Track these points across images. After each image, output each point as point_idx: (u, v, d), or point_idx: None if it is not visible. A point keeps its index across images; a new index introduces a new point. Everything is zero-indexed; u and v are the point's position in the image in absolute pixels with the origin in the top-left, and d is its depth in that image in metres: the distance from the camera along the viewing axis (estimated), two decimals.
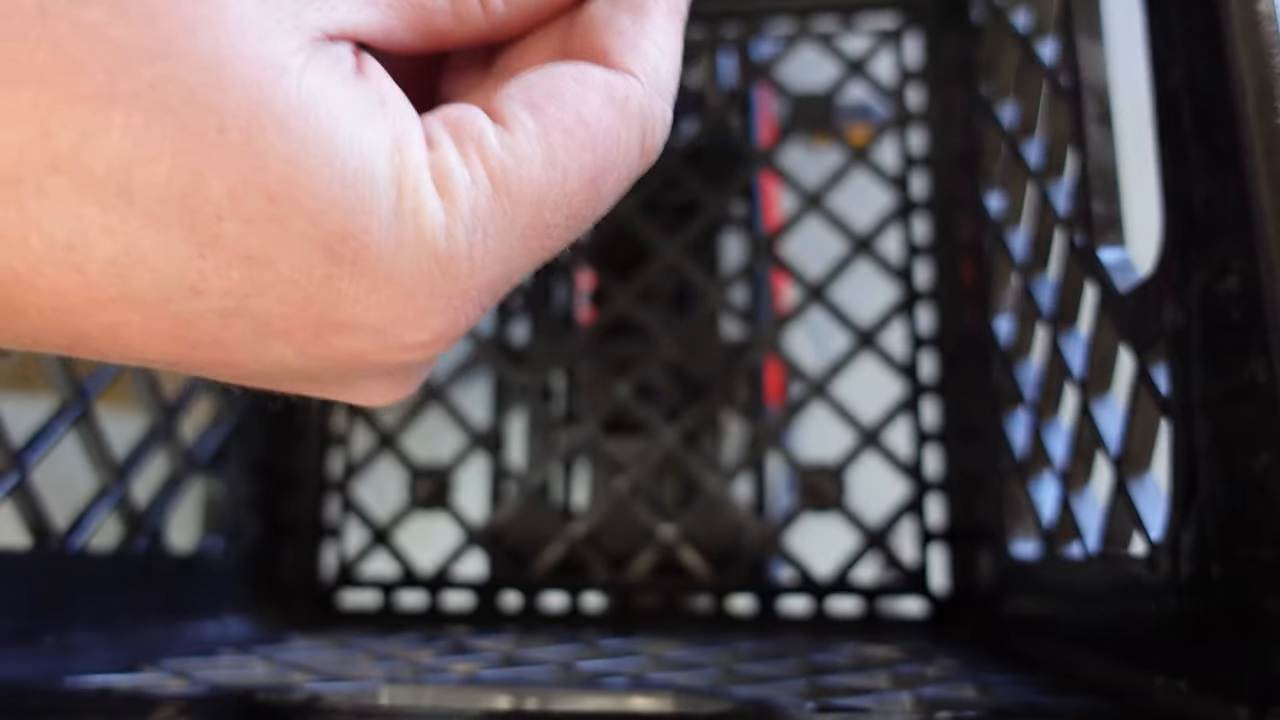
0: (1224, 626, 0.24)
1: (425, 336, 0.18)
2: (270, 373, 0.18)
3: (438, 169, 0.17)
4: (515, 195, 0.18)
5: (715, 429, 0.51)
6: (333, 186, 0.16)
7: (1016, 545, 0.41)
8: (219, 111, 0.15)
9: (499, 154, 0.18)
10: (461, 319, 0.18)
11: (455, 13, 0.20)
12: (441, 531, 0.51)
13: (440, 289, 0.17)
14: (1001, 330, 0.44)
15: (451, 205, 0.17)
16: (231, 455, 0.46)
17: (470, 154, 0.18)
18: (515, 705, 0.28)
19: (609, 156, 0.19)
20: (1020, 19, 0.41)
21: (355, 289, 0.17)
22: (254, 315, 0.16)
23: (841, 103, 0.53)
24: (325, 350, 0.17)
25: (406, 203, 0.17)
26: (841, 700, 0.29)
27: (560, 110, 0.18)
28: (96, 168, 0.15)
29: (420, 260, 0.17)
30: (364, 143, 0.16)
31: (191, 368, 0.18)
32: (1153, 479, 0.29)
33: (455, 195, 0.17)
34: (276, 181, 0.15)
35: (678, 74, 0.21)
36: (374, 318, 0.17)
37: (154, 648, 0.37)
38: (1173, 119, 0.26)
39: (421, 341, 0.18)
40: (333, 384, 0.19)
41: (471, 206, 0.17)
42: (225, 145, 0.15)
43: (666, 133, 0.21)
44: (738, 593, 0.48)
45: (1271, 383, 0.22)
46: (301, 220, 0.16)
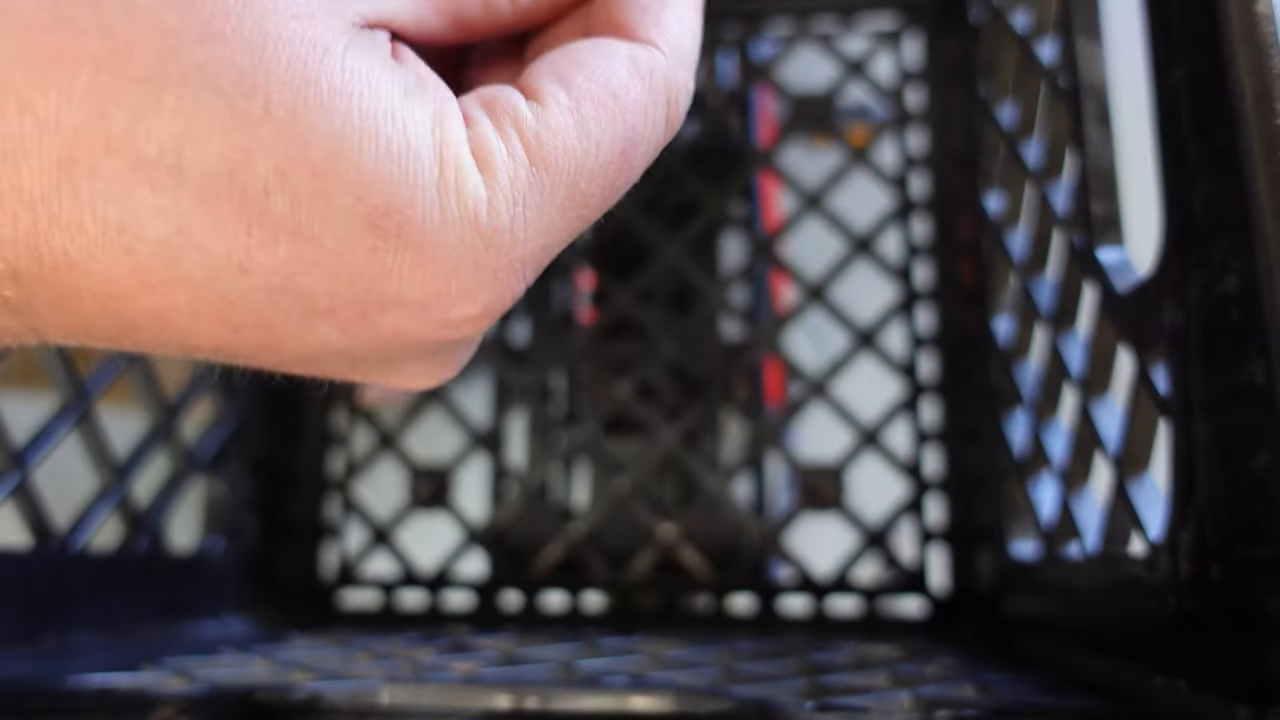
0: (1223, 626, 0.24)
1: (471, 311, 0.18)
2: (314, 355, 0.18)
3: (476, 144, 0.18)
4: (552, 167, 0.18)
5: (715, 429, 0.51)
6: (377, 162, 0.16)
7: (1016, 545, 0.41)
8: (265, 91, 0.15)
9: (534, 127, 0.18)
10: (506, 292, 0.18)
11: (484, 4, 0.20)
12: (442, 531, 0.51)
13: (484, 262, 0.17)
14: (1001, 330, 0.44)
15: (492, 179, 0.17)
16: (232, 455, 0.46)
17: (506, 129, 0.18)
18: (515, 704, 0.28)
19: (638, 127, 0.19)
20: (1019, 19, 0.41)
21: (400, 263, 0.17)
22: (300, 293, 0.17)
23: (841, 103, 0.53)
24: (370, 330, 0.18)
25: (449, 177, 0.17)
26: (841, 699, 0.29)
27: (589, 82, 0.19)
28: (149, 148, 0.15)
29: (464, 234, 0.17)
30: (406, 120, 0.17)
31: (236, 353, 0.18)
32: (1152, 479, 0.29)
33: (495, 169, 0.17)
34: (321, 158, 0.16)
35: (699, 46, 0.22)
36: (419, 293, 0.17)
37: (155, 647, 0.37)
38: (1172, 119, 0.26)
39: (467, 316, 0.18)
40: (375, 366, 0.19)
41: (511, 180, 0.18)
42: (272, 123, 0.15)
43: (689, 103, 0.21)
44: (738, 592, 0.48)
45: (1271, 383, 0.22)
46: (346, 195, 0.16)
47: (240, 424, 0.47)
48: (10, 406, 0.33)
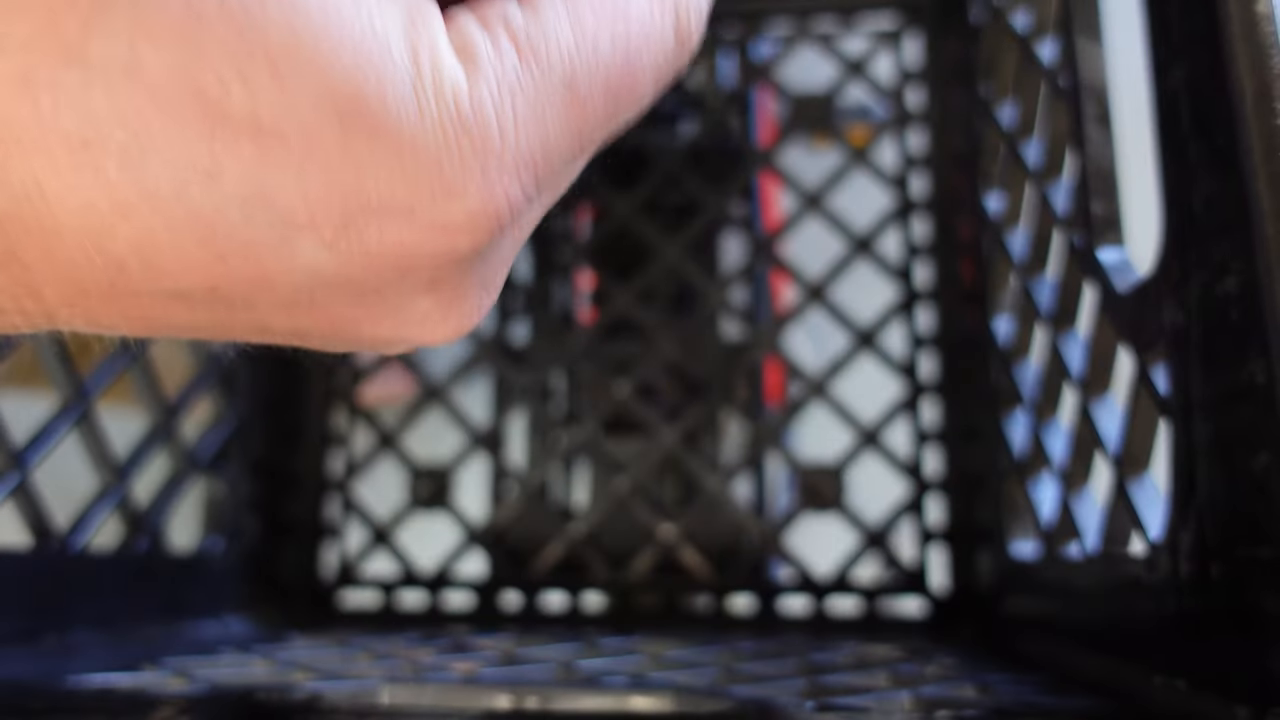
0: (1223, 626, 0.24)
1: (462, 212, 0.17)
2: (307, 289, 0.17)
3: (459, 40, 0.17)
4: (544, 62, 0.17)
5: (715, 429, 0.51)
6: (342, 53, 0.15)
7: (1016, 545, 0.41)
8: None
9: (524, 24, 0.17)
10: (499, 194, 0.17)
11: None
12: (442, 531, 0.51)
13: (469, 158, 0.16)
14: (1001, 330, 0.44)
15: (474, 70, 0.16)
16: (232, 455, 0.46)
17: (494, 26, 0.17)
18: (515, 704, 0.28)
19: (641, 33, 0.18)
20: (1019, 19, 0.41)
21: (375, 159, 0.16)
22: (274, 201, 0.16)
23: (841, 103, 0.53)
24: (358, 243, 0.17)
25: (424, 68, 0.16)
26: (841, 699, 0.29)
27: None
28: (103, 53, 0.15)
29: (443, 125, 0.16)
30: (374, 13, 0.16)
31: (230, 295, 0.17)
32: (1152, 479, 0.29)
33: (478, 61, 0.17)
34: (279, 47, 0.15)
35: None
36: (401, 193, 0.16)
37: (155, 647, 0.37)
38: (1172, 119, 0.26)
39: (461, 219, 0.17)
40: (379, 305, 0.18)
41: (497, 72, 0.17)
42: (225, 17, 0.15)
43: (703, 20, 0.20)
44: (738, 592, 0.48)
45: (1270, 383, 0.22)
46: (310, 88, 0.15)
47: (240, 424, 0.47)
48: (10, 406, 0.33)
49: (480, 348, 0.53)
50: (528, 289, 0.55)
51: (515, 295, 0.55)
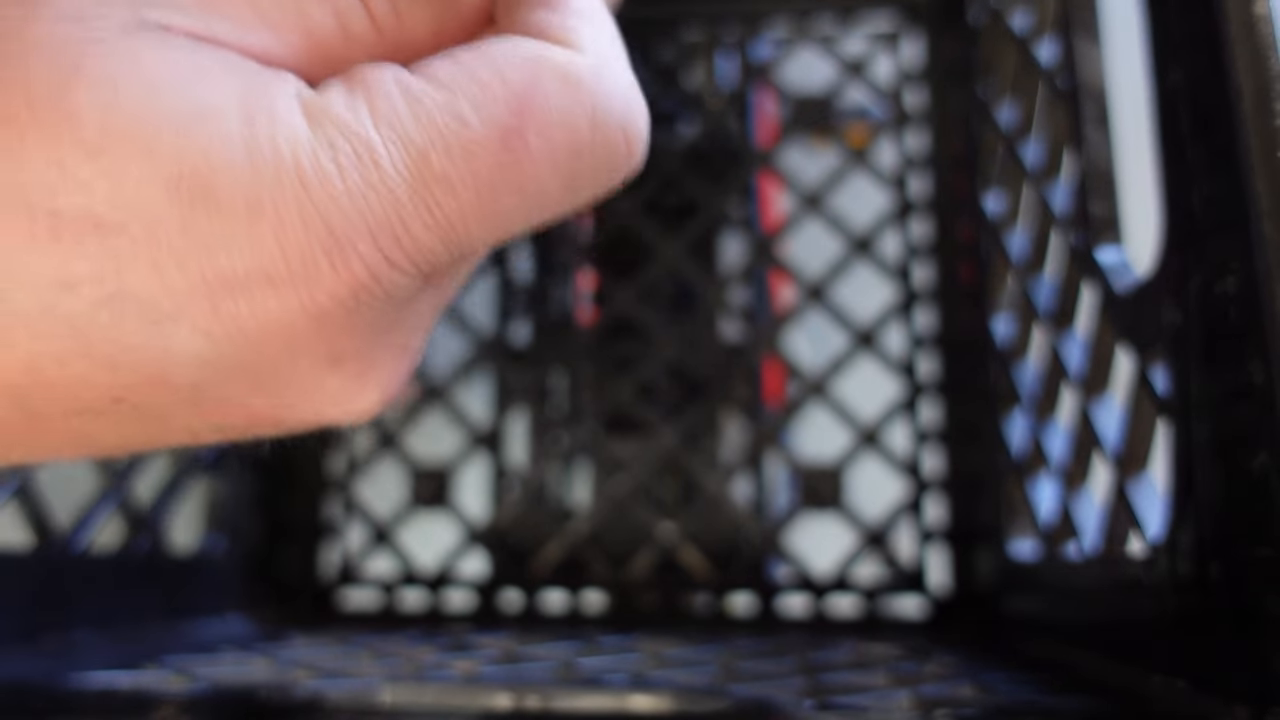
0: (1223, 626, 0.24)
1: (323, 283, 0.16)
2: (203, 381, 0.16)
3: (309, 101, 0.16)
4: (400, 133, 0.16)
5: (715, 429, 0.51)
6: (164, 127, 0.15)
7: (1015, 545, 0.41)
8: (26, 89, 0.14)
9: (389, 91, 0.16)
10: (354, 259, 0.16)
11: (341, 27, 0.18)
12: (442, 531, 0.51)
13: (313, 217, 0.15)
14: (1000, 330, 0.44)
15: (318, 128, 0.15)
16: (233, 454, 0.46)
17: (356, 93, 0.16)
18: (516, 703, 0.28)
19: (536, 120, 0.16)
20: (1018, 20, 0.41)
21: (221, 231, 0.15)
22: (137, 296, 0.15)
23: (840, 104, 0.53)
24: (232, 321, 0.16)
25: (260, 126, 0.15)
26: (840, 698, 0.29)
27: (477, 61, 0.17)
28: None
29: (280, 181, 0.15)
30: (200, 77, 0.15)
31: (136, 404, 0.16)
32: (1151, 479, 0.30)
33: (324, 120, 0.15)
34: (97, 137, 0.15)
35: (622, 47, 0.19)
36: (255, 262, 0.15)
37: (156, 646, 0.37)
38: (1171, 119, 0.26)
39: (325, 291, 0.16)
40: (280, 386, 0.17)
41: (343, 132, 0.15)
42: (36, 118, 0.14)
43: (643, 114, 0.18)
44: (737, 592, 0.48)
45: (1269, 383, 0.22)
46: (135, 168, 0.15)
47: None
48: None
49: (480, 348, 0.53)
50: (528, 289, 0.55)
51: (515, 295, 0.55)
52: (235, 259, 0.15)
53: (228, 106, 0.15)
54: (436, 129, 0.16)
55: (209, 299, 0.15)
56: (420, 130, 0.16)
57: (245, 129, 0.15)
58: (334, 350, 0.17)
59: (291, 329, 0.16)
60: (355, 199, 0.15)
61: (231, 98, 0.15)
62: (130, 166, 0.15)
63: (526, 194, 0.17)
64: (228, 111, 0.15)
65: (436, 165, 0.16)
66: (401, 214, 0.16)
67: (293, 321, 0.16)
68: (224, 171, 0.15)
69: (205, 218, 0.15)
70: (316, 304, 0.16)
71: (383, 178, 0.16)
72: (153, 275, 0.15)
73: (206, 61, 0.15)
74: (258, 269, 0.15)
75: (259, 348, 0.16)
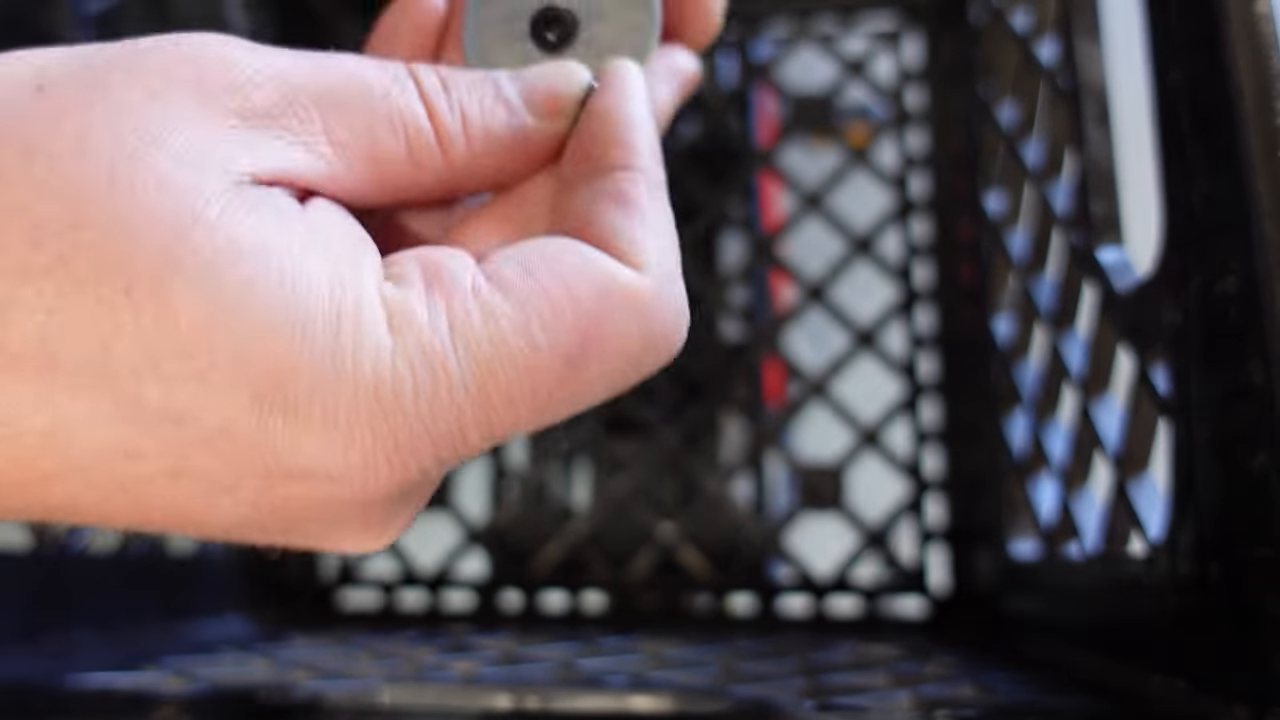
0: (1223, 626, 0.24)
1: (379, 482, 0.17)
2: (236, 526, 0.17)
3: (393, 305, 0.17)
4: (474, 351, 0.17)
5: (715, 429, 0.51)
6: (255, 335, 0.15)
7: (1016, 545, 0.41)
8: (128, 275, 0.15)
9: (467, 304, 0.17)
10: (412, 463, 0.17)
11: (411, 156, 0.19)
12: (442, 531, 0.51)
13: (383, 428, 0.16)
14: (1000, 330, 0.44)
15: (400, 341, 0.16)
16: None
17: (436, 298, 0.17)
18: (516, 704, 0.28)
19: (598, 343, 0.18)
20: (1019, 20, 0.41)
21: (292, 434, 0.16)
22: (196, 473, 0.16)
23: (841, 103, 0.53)
24: (281, 502, 0.17)
25: (345, 339, 0.16)
26: (840, 699, 0.29)
27: (552, 279, 0.17)
28: (14, 344, 0.15)
29: (359, 398, 0.16)
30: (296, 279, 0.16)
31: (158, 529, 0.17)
32: (1151, 479, 0.29)
33: (406, 332, 0.16)
34: (190, 337, 0.15)
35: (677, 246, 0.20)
36: (319, 464, 0.16)
37: (155, 647, 0.37)
38: (1172, 119, 0.26)
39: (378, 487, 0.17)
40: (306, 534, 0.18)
41: (423, 347, 0.16)
42: (134, 309, 0.15)
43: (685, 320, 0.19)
44: (737, 592, 0.48)
45: (1269, 383, 0.22)
46: (222, 373, 0.15)
47: None
48: None
49: None
50: None
51: None
52: (301, 459, 0.16)
53: (316, 311, 0.16)
54: (508, 350, 0.17)
55: (265, 482, 0.16)
56: (493, 349, 0.17)
57: (332, 340, 0.16)
58: (366, 520, 0.18)
59: (336, 512, 0.17)
60: (424, 415, 0.16)
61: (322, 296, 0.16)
62: (218, 372, 0.15)
63: (577, 402, 0.18)
64: (316, 317, 0.16)
65: (503, 383, 0.17)
66: (463, 426, 0.17)
67: (340, 508, 0.17)
68: (307, 384, 0.16)
69: (280, 422, 0.16)
70: (367, 497, 0.17)
71: (452, 395, 0.17)
72: (216, 460, 0.16)
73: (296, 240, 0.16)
74: (320, 469, 0.16)
75: (300, 521, 0.17)
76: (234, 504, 0.17)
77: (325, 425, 0.16)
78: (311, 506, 0.17)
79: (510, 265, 0.18)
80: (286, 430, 0.16)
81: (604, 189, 0.20)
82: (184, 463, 0.16)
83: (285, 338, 0.16)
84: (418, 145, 0.19)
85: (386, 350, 0.16)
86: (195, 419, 0.16)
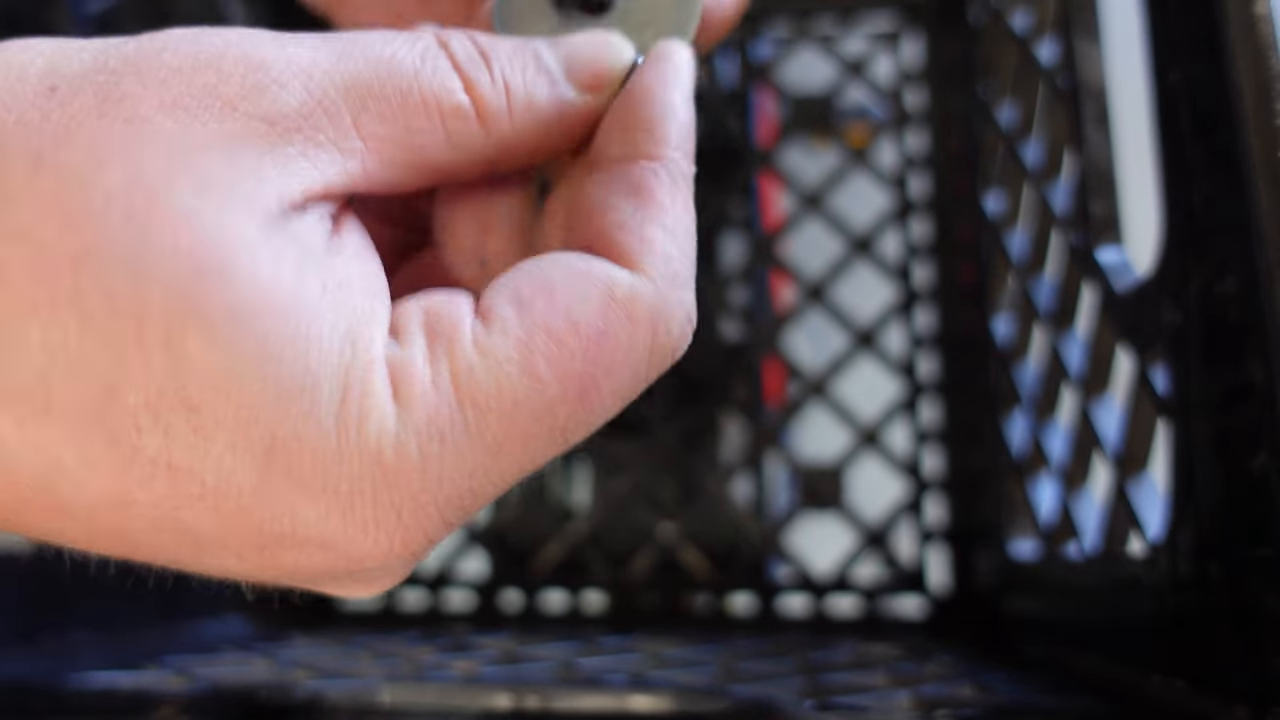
0: (1223, 626, 0.24)
1: (376, 551, 0.16)
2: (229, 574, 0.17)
3: (398, 368, 0.16)
4: (482, 405, 0.16)
5: (715, 429, 0.51)
6: (264, 395, 0.15)
7: (1015, 545, 0.41)
8: (139, 318, 0.14)
9: (469, 356, 0.16)
10: (416, 533, 0.16)
11: (449, 138, 0.18)
12: None
13: (384, 501, 0.16)
14: (1000, 330, 0.44)
15: (405, 411, 0.16)
16: None
17: (438, 354, 0.16)
18: (516, 703, 0.28)
19: (605, 364, 0.17)
20: (1018, 20, 0.41)
21: (291, 501, 0.15)
22: (189, 528, 0.16)
23: (840, 104, 0.53)
24: (271, 561, 0.16)
25: (351, 406, 0.15)
26: (840, 698, 0.29)
27: (549, 309, 0.17)
28: (15, 381, 0.14)
29: (362, 469, 0.15)
30: (309, 341, 0.15)
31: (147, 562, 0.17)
32: (1151, 479, 0.29)
33: (411, 400, 0.16)
34: (199, 391, 0.14)
35: (693, 248, 0.20)
36: (314, 530, 0.16)
37: (155, 646, 0.37)
38: (1172, 119, 0.26)
39: (371, 556, 0.16)
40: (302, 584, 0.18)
41: (429, 414, 0.16)
42: (143, 355, 0.14)
43: (690, 324, 0.19)
44: (737, 592, 0.48)
45: (1269, 383, 0.22)
46: (227, 431, 0.15)
47: None
48: None
49: None
50: None
51: None
52: (298, 525, 0.16)
53: (325, 375, 0.15)
54: (517, 396, 0.16)
55: (260, 542, 0.16)
56: (501, 401, 0.16)
57: (338, 408, 0.15)
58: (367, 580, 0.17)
59: (334, 573, 0.17)
60: (430, 485, 0.16)
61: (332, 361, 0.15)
62: (222, 431, 0.15)
63: (593, 423, 0.17)
64: (324, 382, 0.15)
65: (517, 430, 0.16)
66: (474, 484, 0.16)
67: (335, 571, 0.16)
68: (310, 453, 0.15)
69: (281, 487, 0.15)
70: (359, 564, 0.16)
71: (460, 459, 0.16)
72: (210, 518, 0.15)
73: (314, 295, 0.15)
74: (318, 536, 0.16)
75: (294, 577, 0.17)
76: (226, 556, 0.16)
77: (326, 494, 0.15)
78: (308, 567, 0.16)
79: (505, 301, 0.17)
80: (286, 496, 0.15)
81: (623, 178, 0.19)
82: (177, 516, 0.15)
83: (292, 403, 0.15)
84: (455, 127, 0.18)
85: (391, 420, 0.16)
86: (193, 475, 0.15)
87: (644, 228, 0.19)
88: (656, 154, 0.20)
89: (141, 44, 0.16)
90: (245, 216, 0.15)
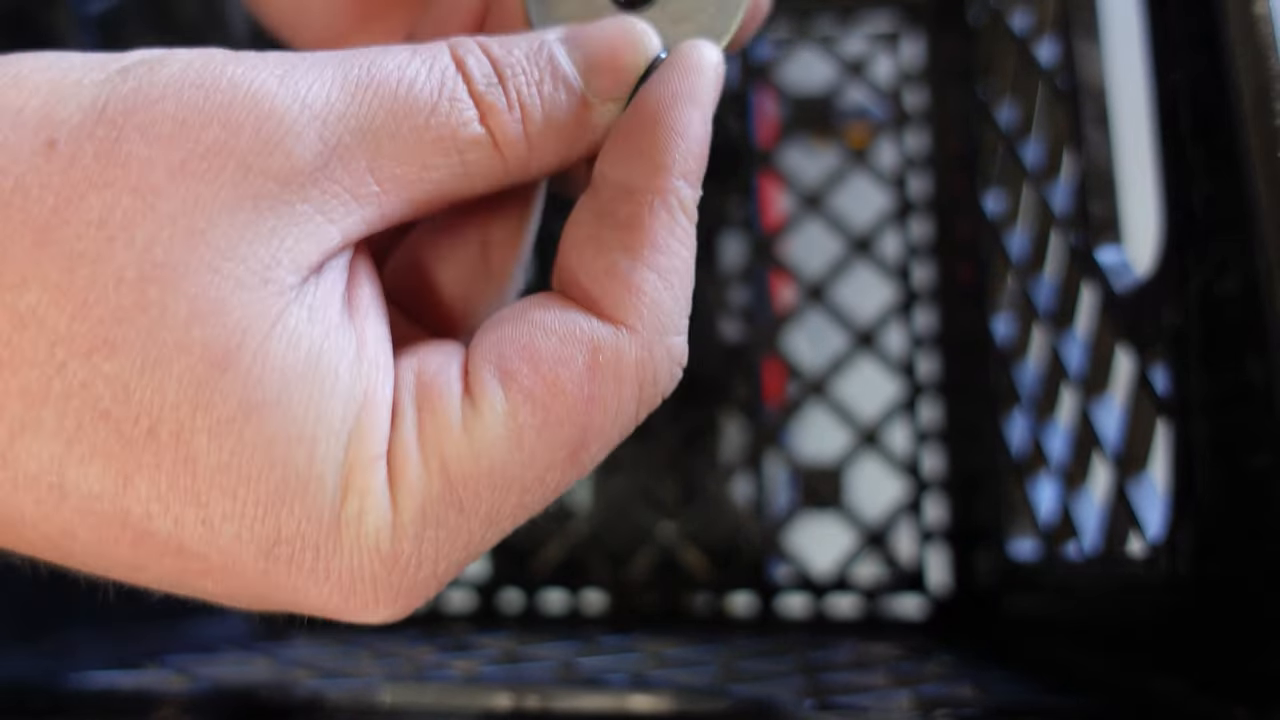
0: (1223, 626, 0.24)
1: (377, 617, 0.17)
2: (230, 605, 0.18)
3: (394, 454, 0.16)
4: (474, 487, 0.16)
5: (715, 429, 0.51)
6: (268, 496, 0.15)
7: (1015, 545, 0.41)
8: (152, 413, 0.14)
9: (459, 446, 0.16)
10: (416, 599, 0.17)
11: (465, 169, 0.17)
12: None
13: (384, 583, 0.16)
14: (1000, 330, 0.44)
15: (400, 505, 0.16)
16: None
17: (429, 437, 0.16)
18: (516, 703, 0.28)
19: (591, 425, 0.17)
20: (1018, 20, 0.41)
21: (294, 582, 0.16)
22: (194, 589, 0.17)
23: (840, 104, 0.53)
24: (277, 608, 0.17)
25: (351, 505, 0.16)
26: (840, 698, 0.29)
27: (534, 377, 0.17)
28: (29, 465, 0.14)
29: (362, 561, 0.16)
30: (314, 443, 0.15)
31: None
32: (1151, 479, 0.30)
33: (405, 494, 0.16)
34: (206, 487, 0.15)
35: (689, 284, 0.19)
36: (317, 605, 0.17)
37: (156, 646, 0.37)
38: (1171, 119, 0.26)
39: (376, 619, 0.17)
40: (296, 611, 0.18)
41: (422, 506, 0.16)
42: (155, 449, 0.14)
43: (678, 373, 0.19)
44: (737, 592, 0.48)
45: (1270, 383, 0.22)
46: (232, 524, 0.15)
47: None
48: None
49: None
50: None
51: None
52: (300, 600, 0.16)
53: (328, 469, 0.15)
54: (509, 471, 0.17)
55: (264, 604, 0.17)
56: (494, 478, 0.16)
57: (339, 503, 0.16)
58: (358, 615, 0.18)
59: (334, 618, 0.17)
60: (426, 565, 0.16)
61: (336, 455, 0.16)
62: (229, 523, 0.15)
63: (583, 473, 0.18)
64: (327, 476, 0.15)
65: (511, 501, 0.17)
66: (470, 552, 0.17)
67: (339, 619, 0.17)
68: (313, 545, 0.16)
69: (284, 572, 0.16)
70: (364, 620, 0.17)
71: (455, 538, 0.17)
72: (216, 585, 0.16)
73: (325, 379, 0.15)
74: (320, 607, 0.17)
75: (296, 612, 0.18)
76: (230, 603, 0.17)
77: (329, 580, 0.16)
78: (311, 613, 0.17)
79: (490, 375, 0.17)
80: (290, 579, 0.16)
81: (616, 210, 0.18)
82: (184, 581, 0.16)
83: (295, 502, 0.15)
84: (473, 158, 0.17)
85: (387, 514, 0.16)
86: (201, 556, 0.16)
87: (633, 274, 0.18)
88: (655, 186, 0.19)
89: (140, 86, 0.15)
90: (260, 298, 0.15)
